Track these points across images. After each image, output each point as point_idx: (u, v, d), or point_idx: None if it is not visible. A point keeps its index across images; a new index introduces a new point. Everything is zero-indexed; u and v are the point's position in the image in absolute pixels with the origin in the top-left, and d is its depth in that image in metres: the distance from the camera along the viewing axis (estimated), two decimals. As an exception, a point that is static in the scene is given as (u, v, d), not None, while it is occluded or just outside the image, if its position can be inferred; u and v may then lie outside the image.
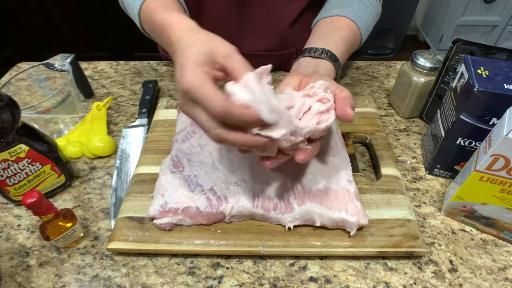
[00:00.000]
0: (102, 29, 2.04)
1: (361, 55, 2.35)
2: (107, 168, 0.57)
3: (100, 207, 0.52)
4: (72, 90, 0.60)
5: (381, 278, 0.43)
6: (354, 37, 0.57)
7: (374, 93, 0.71)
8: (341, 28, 0.56)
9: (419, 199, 0.52)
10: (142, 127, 0.63)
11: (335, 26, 0.56)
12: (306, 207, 0.44)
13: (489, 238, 0.47)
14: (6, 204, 0.52)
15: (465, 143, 0.48)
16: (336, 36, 0.54)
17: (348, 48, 0.55)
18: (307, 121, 0.37)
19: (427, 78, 0.58)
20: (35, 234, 0.48)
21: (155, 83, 0.72)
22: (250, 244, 0.44)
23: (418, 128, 0.63)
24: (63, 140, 0.60)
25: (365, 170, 0.56)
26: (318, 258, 0.45)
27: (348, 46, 0.55)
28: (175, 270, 0.44)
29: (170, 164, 0.50)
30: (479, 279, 0.43)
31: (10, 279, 0.43)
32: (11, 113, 0.43)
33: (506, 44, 2.21)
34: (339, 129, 0.56)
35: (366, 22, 0.59)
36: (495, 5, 2.05)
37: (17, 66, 0.79)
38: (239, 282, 0.42)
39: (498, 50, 0.52)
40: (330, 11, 0.58)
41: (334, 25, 0.56)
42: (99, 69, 0.80)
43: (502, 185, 0.41)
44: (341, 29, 0.56)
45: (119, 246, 0.44)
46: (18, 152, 0.46)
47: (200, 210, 0.45)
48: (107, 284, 0.43)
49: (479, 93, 0.42)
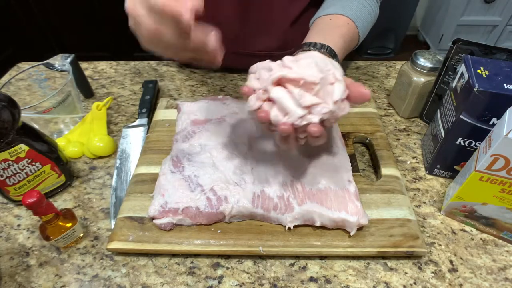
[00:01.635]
0: (102, 29, 2.04)
1: (361, 55, 2.35)
2: (107, 168, 0.57)
3: (100, 207, 0.52)
4: (72, 90, 0.60)
5: (381, 278, 0.43)
6: (352, 35, 0.57)
7: (374, 93, 0.71)
8: (340, 25, 0.56)
9: (419, 199, 0.52)
10: (142, 127, 0.63)
11: (334, 24, 0.56)
12: (306, 207, 0.44)
13: (489, 238, 0.47)
14: (6, 204, 0.52)
15: (465, 143, 0.48)
16: (335, 33, 0.54)
17: (346, 46, 0.55)
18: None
19: (427, 78, 0.58)
20: (35, 234, 0.48)
21: (155, 83, 0.72)
22: (250, 244, 0.44)
23: (418, 128, 0.63)
24: (63, 140, 0.60)
25: (365, 170, 0.56)
26: (318, 258, 0.45)
27: (346, 44, 0.55)
28: (175, 270, 0.44)
29: (170, 164, 0.50)
30: (479, 279, 0.42)
31: (10, 279, 0.43)
32: (11, 113, 0.43)
33: (506, 44, 2.20)
34: (339, 129, 0.56)
35: (364, 22, 0.58)
36: (495, 5, 2.05)
37: (17, 66, 0.79)
38: (239, 282, 0.42)
39: (498, 50, 0.52)
40: (328, 9, 0.58)
41: (333, 23, 0.56)
42: (99, 69, 0.80)
43: (502, 185, 0.41)
44: (339, 27, 0.56)
45: (119, 246, 0.44)
46: (18, 152, 0.46)
47: (200, 210, 0.45)
48: (107, 284, 0.43)
49: (479, 93, 0.42)
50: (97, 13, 1.97)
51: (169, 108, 0.64)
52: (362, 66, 0.80)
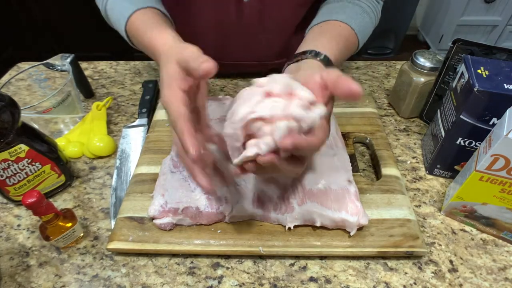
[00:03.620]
0: (102, 29, 2.03)
1: (361, 55, 2.35)
2: (107, 168, 0.57)
3: (100, 207, 0.52)
4: (72, 90, 0.60)
5: (381, 278, 0.43)
6: (347, 36, 0.53)
7: (374, 93, 0.71)
8: (330, 29, 0.53)
9: (419, 199, 0.52)
10: (142, 127, 0.63)
11: (324, 29, 0.53)
12: (306, 207, 0.44)
13: (489, 238, 0.47)
14: (6, 204, 0.52)
15: (465, 143, 0.48)
16: (324, 37, 0.51)
17: (340, 46, 0.51)
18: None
19: (427, 78, 0.58)
20: (35, 234, 0.48)
21: (155, 83, 0.72)
22: (250, 244, 0.44)
23: (418, 128, 0.63)
24: (63, 140, 0.60)
25: (365, 170, 0.56)
26: (318, 258, 0.45)
27: (340, 44, 0.51)
28: (175, 270, 0.44)
29: (170, 164, 0.50)
30: (479, 279, 0.42)
31: (10, 279, 0.43)
32: (11, 113, 0.43)
33: (506, 44, 2.20)
34: (339, 129, 0.56)
35: (361, 23, 0.55)
36: (495, 5, 2.05)
37: (17, 66, 0.79)
38: (239, 282, 0.42)
39: (498, 50, 0.52)
40: (320, 18, 0.56)
41: (323, 29, 0.54)
42: (99, 69, 0.80)
43: (502, 185, 0.41)
44: (329, 30, 0.53)
45: (119, 246, 0.44)
46: (18, 152, 0.46)
47: (200, 210, 0.45)
48: (107, 284, 0.43)
49: (479, 93, 0.42)
50: (97, 13, 1.97)
51: (169, 108, 0.64)
52: (362, 66, 0.80)
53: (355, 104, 0.63)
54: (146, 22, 0.51)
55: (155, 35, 0.47)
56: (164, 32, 0.46)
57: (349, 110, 0.62)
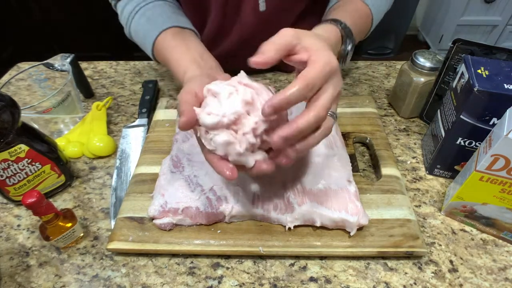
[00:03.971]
0: (102, 29, 2.04)
1: (361, 55, 2.35)
2: (107, 168, 0.57)
3: (100, 207, 0.52)
4: (72, 90, 0.60)
5: (381, 278, 0.43)
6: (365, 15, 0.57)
7: (374, 93, 0.71)
8: (349, 4, 0.56)
9: (419, 199, 0.52)
10: (142, 127, 0.63)
11: (343, 4, 0.57)
12: (306, 207, 0.44)
13: (489, 238, 0.47)
14: (6, 204, 0.52)
15: (465, 143, 0.48)
16: (342, 10, 0.55)
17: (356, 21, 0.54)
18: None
19: (427, 78, 0.58)
20: (35, 234, 0.48)
21: (155, 83, 0.72)
22: (250, 244, 0.44)
23: (418, 128, 0.63)
24: (63, 140, 0.60)
25: (365, 170, 0.56)
26: (318, 258, 0.45)
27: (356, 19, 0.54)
28: (175, 270, 0.44)
29: (170, 164, 0.50)
30: (479, 279, 0.42)
31: (10, 279, 0.43)
32: (11, 113, 0.43)
33: (506, 44, 2.20)
34: (339, 129, 0.56)
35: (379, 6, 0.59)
36: (495, 5, 2.05)
37: (17, 66, 0.79)
38: (239, 282, 0.42)
39: (498, 50, 0.52)
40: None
41: (341, 4, 0.57)
42: (99, 69, 0.80)
43: (502, 185, 0.41)
44: (348, 5, 0.56)
45: (119, 246, 0.44)
46: (18, 152, 0.46)
47: (200, 210, 0.45)
48: (107, 284, 0.43)
49: (479, 93, 0.42)
50: (97, 13, 1.97)
51: (169, 108, 0.64)
52: (362, 66, 0.80)
53: (355, 104, 0.64)
54: (172, 39, 0.54)
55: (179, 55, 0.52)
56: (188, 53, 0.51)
57: (349, 110, 0.62)
